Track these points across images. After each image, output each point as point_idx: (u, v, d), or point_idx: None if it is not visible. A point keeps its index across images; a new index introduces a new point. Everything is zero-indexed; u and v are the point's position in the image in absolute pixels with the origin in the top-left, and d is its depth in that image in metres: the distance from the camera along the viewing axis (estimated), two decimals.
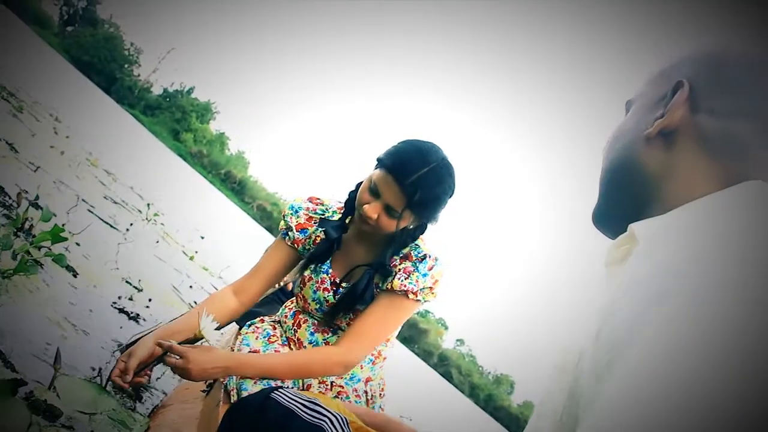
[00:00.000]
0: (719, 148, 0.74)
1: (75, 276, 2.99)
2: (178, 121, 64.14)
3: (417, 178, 1.53)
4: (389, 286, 1.68)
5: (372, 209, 1.59)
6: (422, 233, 1.76)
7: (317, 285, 1.78)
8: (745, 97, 0.74)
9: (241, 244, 16.29)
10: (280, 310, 1.99)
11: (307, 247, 1.84)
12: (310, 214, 1.85)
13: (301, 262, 1.84)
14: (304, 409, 1.02)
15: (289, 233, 1.84)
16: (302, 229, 1.84)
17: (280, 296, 2.95)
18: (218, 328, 1.65)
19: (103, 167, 7.86)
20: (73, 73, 35.46)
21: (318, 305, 1.78)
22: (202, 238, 10.43)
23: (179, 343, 1.50)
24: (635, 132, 0.83)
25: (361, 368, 1.79)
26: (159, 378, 2.53)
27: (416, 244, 1.75)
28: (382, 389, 1.87)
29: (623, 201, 0.83)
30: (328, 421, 1.01)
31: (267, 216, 62.75)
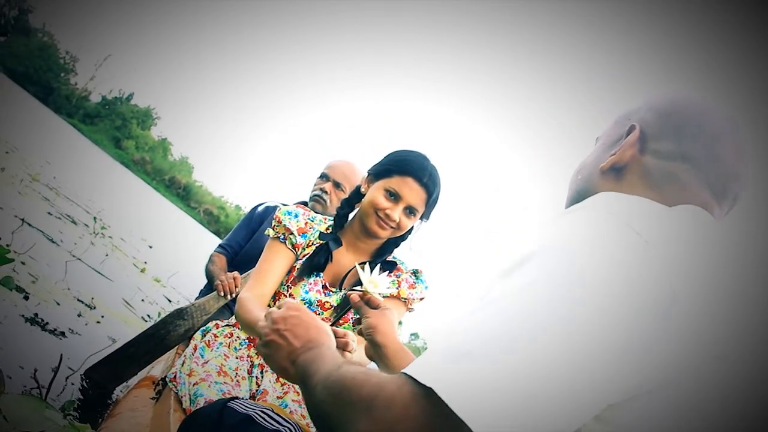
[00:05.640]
0: (659, 183, 0.89)
1: (26, 298, 2.91)
2: (118, 128, 62.36)
3: (430, 177, 1.78)
4: (396, 294, 1.87)
5: (395, 212, 1.78)
6: (410, 234, 1.95)
7: (309, 286, 1.86)
8: (685, 145, 0.89)
9: (189, 250, 16.07)
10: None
11: (304, 252, 1.91)
12: (306, 220, 1.95)
13: (299, 268, 1.89)
14: (263, 416, 1.03)
15: (290, 237, 1.90)
16: (303, 233, 1.92)
17: (230, 304, 2.92)
18: None
19: (45, 181, 7.68)
20: (8, 85, 34.28)
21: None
22: (150, 247, 10.27)
23: None
24: (593, 166, 0.99)
25: None
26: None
27: (397, 257, 1.96)
28: None
29: None
30: (287, 430, 1.02)
31: (214, 220, 61.74)
